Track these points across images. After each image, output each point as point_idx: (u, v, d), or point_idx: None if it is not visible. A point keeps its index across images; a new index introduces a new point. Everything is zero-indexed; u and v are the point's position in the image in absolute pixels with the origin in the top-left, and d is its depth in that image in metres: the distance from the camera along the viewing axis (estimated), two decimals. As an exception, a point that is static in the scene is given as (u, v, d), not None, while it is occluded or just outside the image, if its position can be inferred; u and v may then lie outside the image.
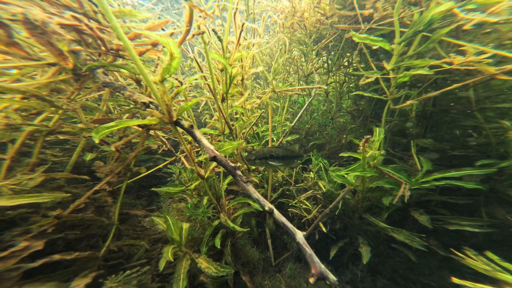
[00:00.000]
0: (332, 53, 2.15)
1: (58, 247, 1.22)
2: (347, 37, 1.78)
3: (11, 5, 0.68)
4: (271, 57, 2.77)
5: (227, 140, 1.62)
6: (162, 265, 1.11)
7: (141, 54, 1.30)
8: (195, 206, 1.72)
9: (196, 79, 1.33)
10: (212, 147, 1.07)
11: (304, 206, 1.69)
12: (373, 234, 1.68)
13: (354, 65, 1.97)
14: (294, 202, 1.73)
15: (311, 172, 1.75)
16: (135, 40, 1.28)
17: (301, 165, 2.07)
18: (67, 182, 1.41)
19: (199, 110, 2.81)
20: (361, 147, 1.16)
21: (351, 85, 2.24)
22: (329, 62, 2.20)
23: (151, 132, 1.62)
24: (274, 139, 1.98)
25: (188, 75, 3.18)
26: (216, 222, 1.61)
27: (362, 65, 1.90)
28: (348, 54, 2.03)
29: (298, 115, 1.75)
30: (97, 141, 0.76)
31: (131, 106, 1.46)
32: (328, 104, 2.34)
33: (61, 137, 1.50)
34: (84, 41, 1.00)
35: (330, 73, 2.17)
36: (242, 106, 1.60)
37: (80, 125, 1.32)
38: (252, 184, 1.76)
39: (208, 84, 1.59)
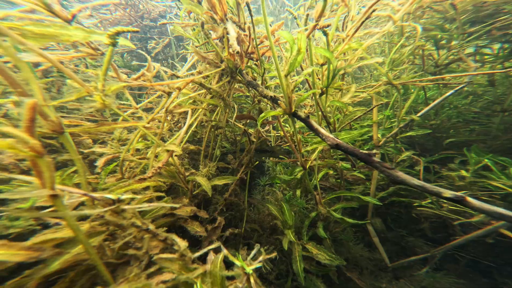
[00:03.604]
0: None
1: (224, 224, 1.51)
2: None
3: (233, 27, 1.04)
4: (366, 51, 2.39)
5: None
6: (285, 244, 1.23)
7: (262, 54, 1.57)
8: (288, 198, 1.81)
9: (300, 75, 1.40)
10: (332, 135, 1.07)
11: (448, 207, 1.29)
12: None
13: None
14: (424, 203, 1.37)
15: (462, 171, 1.31)
16: (262, 43, 1.57)
17: (425, 164, 1.62)
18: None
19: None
20: None
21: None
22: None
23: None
24: (379, 136, 1.70)
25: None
26: (313, 214, 1.61)
27: None
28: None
29: (429, 107, 1.37)
30: (259, 124, 0.98)
31: (254, 103, 1.79)
32: (489, 90, 1.63)
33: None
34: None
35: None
36: (340, 101, 1.50)
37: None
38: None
39: (306, 79, 1.63)
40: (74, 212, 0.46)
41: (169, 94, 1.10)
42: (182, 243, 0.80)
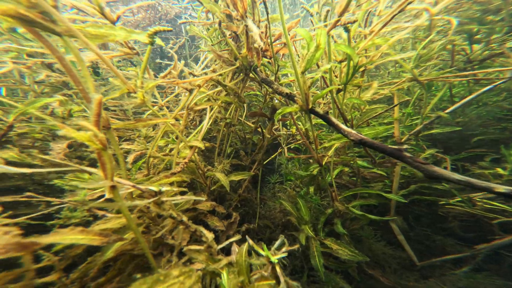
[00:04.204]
0: None
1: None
2: None
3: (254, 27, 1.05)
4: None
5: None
6: (303, 239, 1.24)
7: (277, 52, 1.57)
8: (303, 195, 1.81)
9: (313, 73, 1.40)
10: (355, 131, 1.07)
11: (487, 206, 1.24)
12: None
13: None
14: (452, 201, 1.34)
15: (499, 169, 1.27)
16: (276, 40, 1.57)
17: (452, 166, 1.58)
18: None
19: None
20: None
21: None
22: None
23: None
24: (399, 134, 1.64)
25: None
26: (329, 210, 1.61)
27: None
28: None
29: (460, 103, 1.30)
30: (276, 120, 0.99)
31: (266, 101, 1.80)
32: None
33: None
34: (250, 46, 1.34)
35: None
36: (358, 98, 1.48)
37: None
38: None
39: (322, 76, 1.62)
40: (129, 202, 0.49)
41: (190, 91, 1.13)
42: (209, 235, 0.83)
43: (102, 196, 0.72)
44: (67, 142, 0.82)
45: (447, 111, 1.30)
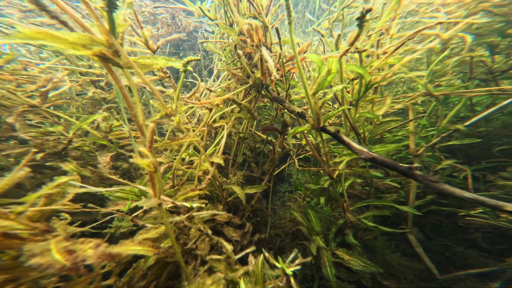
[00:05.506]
0: None
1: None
2: None
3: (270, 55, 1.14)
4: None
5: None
6: (314, 249, 1.26)
7: (288, 71, 1.65)
8: (313, 205, 1.82)
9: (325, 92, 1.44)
10: (366, 149, 1.09)
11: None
12: None
13: None
14: (474, 212, 1.30)
15: None
16: (289, 61, 1.66)
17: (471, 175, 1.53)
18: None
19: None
20: None
21: None
22: None
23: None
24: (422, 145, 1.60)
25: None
26: (341, 221, 1.60)
27: None
28: None
29: (481, 115, 1.25)
30: (290, 137, 1.04)
31: (277, 116, 1.87)
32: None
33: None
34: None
35: None
36: (371, 112, 1.49)
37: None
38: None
39: (335, 94, 1.66)
40: (171, 218, 0.57)
41: (210, 110, 1.23)
42: (229, 247, 0.89)
43: (137, 207, 0.80)
44: (109, 155, 0.92)
45: (466, 123, 1.26)
